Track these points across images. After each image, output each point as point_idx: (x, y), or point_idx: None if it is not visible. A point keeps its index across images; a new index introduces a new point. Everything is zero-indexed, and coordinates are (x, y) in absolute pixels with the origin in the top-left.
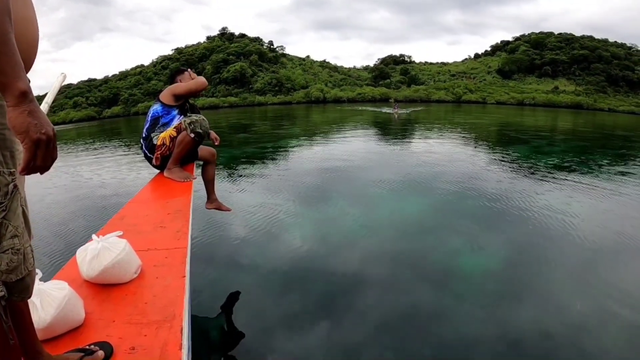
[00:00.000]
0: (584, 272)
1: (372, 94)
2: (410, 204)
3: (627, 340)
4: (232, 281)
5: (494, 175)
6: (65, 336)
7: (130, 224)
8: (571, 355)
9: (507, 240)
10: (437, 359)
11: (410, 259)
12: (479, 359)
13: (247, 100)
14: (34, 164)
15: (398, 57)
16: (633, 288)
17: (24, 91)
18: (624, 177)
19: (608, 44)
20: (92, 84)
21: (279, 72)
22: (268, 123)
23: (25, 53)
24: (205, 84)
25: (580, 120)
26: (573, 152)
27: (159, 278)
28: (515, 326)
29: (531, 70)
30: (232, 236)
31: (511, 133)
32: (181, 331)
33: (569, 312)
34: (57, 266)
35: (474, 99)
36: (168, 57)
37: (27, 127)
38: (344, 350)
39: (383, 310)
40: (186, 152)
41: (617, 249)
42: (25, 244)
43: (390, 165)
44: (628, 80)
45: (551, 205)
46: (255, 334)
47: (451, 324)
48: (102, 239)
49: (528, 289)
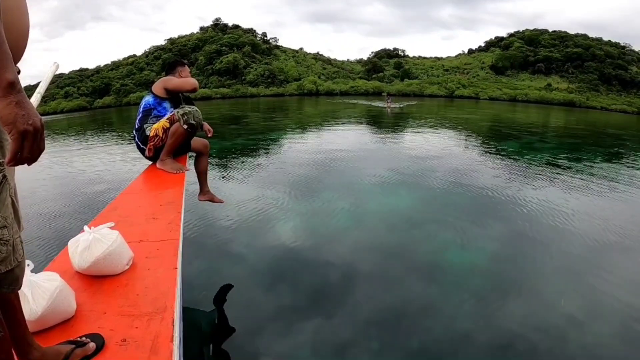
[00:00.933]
0: (572, 266)
1: (365, 88)
2: (400, 198)
3: (616, 335)
4: (224, 273)
5: (484, 170)
6: (56, 328)
7: (122, 215)
8: (558, 349)
9: (495, 235)
10: (424, 351)
11: (399, 252)
12: (466, 352)
13: (239, 92)
14: (21, 155)
15: (392, 51)
16: (621, 282)
17: (11, 82)
18: (614, 175)
19: (602, 43)
20: (83, 73)
21: (272, 64)
22: (260, 115)
23: (15, 43)
24: (195, 85)
25: (572, 117)
26: (564, 149)
27: (150, 270)
28: (503, 320)
29: (524, 66)
30: (224, 228)
31: (503, 129)
32: (173, 323)
33: (557, 307)
34: (48, 257)
35: (466, 94)
36: (161, 47)
37: (14, 118)
38: (333, 342)
39: (372, 303)
40: (179, 143)
41: (606, 244)
42: (15, 235)
43: (381, 159)
44: (621, 79)
45: (540, 201)
46: (246, 325)
47: (439, 317)
48: (94, 230)
49: (516, 283)
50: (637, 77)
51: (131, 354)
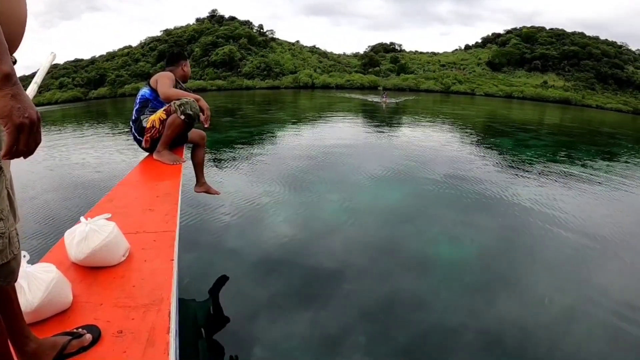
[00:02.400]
0: (560, 262)
1: (361, 81)
2: (392, 192)
3: (602, 334)
4: (218, 264)
5: (477, 166)
6: (52, 319)
7: (118, 207)
8: (545, 344)
9: (485, 230)
10: (412, 342)
11: (392, 245)
12: (453, 344)
13: (235, 84)
14: (16, 148)
15: (388, 45)
16: (608, 278)
17: (7, 74)
18: (606, 174)
19: (599, 42)
20: (78, 64)
21: (268, 57)
22: (255, 107)
23: (11, 33)
24: (163, 96)
25: (567, 115)
26: (556, 146)
27: (147, 261)
28: (490, 314)
29: (521, 64)
30: (220, 220)
31: (497, 126)
32: (169, 315)
33: (544, 302)
34: (44, 248)
35: (462, 90)
36: (156, 38)
37: (9, 111)
38: (324, 330)
39: (363, 294)
40: (176, 134)
41: (594, 239)
42: (11, 228)
43: (374, 153)
44: (617, 78)
45: (532, 198)
46: (240, 316)
47: (428, 310)
48: (90, 221)
49: (504, 278)
50: (633, 77)
51: (127, 346)
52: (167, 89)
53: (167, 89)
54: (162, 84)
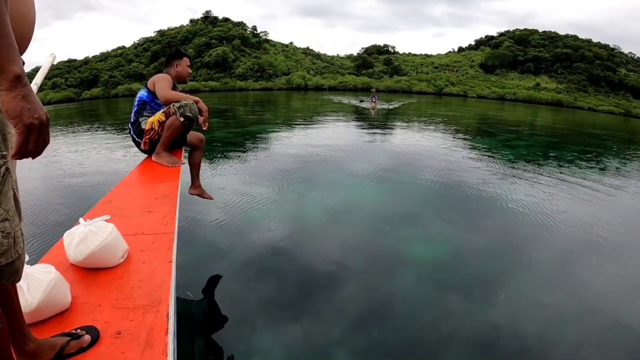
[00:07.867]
0: (545, 261)
1: (354, 83)
2: (380, 193)
3: (587, 333)
4: (215, 265)
5: (466, 167)
6: (51, 320)
7: (117, 208)
8: (531, 342)
9: (469, 230)
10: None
11: (381, 247)
12: (440, 343)
13: (228, 85)
14: (26, 148)
15: (382, 47)
16: (592, 276)
17: (18, 75)
18: (595, 175)
19: (592, 44)
20: (71, 64)
21: (262, 58)
22: (247, 109)
23: (21, 33)
24: (162, 99)
25: (559, 117)
26: (545, 147)
27: (145, 263)
28: (477, 314)
29: (514, 66)
30: (216, 222)
31: (488, 127)
32: (167, 316)
33: (531, 303)
34: (43, 249)
35: (455, 92)
36: (150, 39)
37: (20, 112)
38: (317, 332)
39: (355, 295)
40: (175, 136)
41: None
42: (16, 228)
43: (364, 155)
44: (609, 81)
45: (518, 198)
46: (238, 317)
47: (416, 309)
48: (89, 223)
49: (489, 277)
50: (625, 79)
51: (126, 347)
52: (166, 92)
53: (166, 92)
54: (160, 87)
